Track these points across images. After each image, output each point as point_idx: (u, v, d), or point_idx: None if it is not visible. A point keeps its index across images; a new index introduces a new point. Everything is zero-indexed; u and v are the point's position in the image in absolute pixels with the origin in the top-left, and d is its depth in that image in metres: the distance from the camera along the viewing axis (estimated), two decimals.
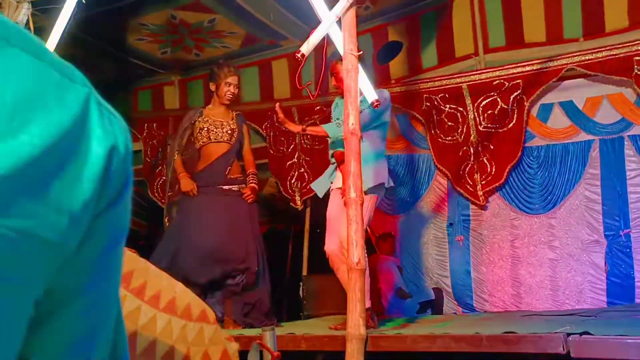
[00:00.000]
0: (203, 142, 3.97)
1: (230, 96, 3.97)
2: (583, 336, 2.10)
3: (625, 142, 4.94)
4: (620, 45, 4.83)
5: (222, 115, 4.01)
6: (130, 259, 1.13)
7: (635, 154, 4.89)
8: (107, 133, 0.44)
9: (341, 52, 2.22)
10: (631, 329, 2.37)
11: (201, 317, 1.14)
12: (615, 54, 4.83)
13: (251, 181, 3.95)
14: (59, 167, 0.40)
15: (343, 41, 2.15)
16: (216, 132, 3.95)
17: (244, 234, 3.84)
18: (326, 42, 2.32)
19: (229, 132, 3.95)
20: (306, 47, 2.16)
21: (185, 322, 1.11)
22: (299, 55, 2.18)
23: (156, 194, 6.71)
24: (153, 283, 1.12)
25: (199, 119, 4.01)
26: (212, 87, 4.02)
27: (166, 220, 3.98)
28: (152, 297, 1.09)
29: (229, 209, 3.86)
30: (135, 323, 1.05)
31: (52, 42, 2.86)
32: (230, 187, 3.92)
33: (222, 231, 3.78)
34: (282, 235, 7.70)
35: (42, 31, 3.23)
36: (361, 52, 2.14)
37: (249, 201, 3.88)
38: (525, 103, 5.14)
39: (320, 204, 6.17)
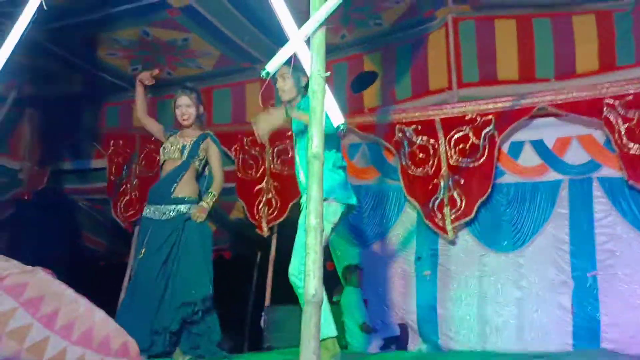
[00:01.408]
0: (161, 161, 3.85)
1: (184, 117, 3.81)
2: None
3: (594, 184, 4.94)
4: (591, 87, 4.88)
5: (186, 135, 3.85)
6: (43, 282, 0.99)
7: (603, 195, 4.89)
8: None
9: (308, 72, 2.14)
10: None
11: (122, 352, 1.00)
12: (585, 96, 4.88)
13: (204, 200, 3.76)
14: None
15: (311, 62, 2.06)
16: (169, 150, 3.79)
17: (194, 260, 3.64)
18: (293, 62, 2.25)
19: (180, 148, 3.77)
20: (272, 66, 2.08)
21: (102, 356, 0.97)
22: (263, 73, 2.09)
23: (119, 214, 6.50)
24: (67, 310, 0.98)
25: (168, 136, 3.87)
26: None
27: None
28: (63, 326, 0.95)
29: (177, 235, 3.66)
30: (40, 356, 0.90)
31: (8, 46, 2.71)
32: (176, 206, 3.71)
33: (169, 264, 3.59)
34: (247, 262, 7.52)
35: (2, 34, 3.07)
36: (329, 73, 2.05)
37: (196, 221, 3.69)
38: (496, 139, 5.13)
39: (287, 232, 6.05)
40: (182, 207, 3.69)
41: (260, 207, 5.85)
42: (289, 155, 5.68)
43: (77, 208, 7.18)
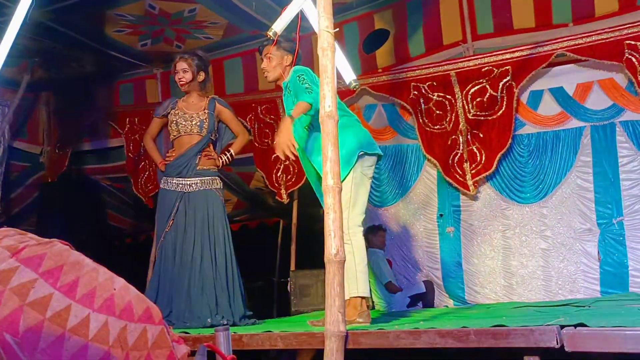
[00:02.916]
0: (174, 136, 3.82)
1: (182, 82, 3.79)
2: (578, 328, 1.98)
3: (617, 129, 4.85)
4: (611, 30, 4.73)
5: (193, 106, 3.84)
6: (60, 253, 0.98)
7: (627, 140, 4.79)
8: None
9: (316, 30, 2.08)
10: (628, 319, 2.25)
11: (145, 317, 1.00)
12: (606, 38, 4.74)
13: (220, 154, 3.85)
14: None
15: (318, 18, 2.00)
16: (185, 125, 3.78)
17: (215, 233, 3.68)
18: (300, 19, 2.19)
19: (198, 123, 3.77)
20: (279, 25, 2.03)
21: (126, 322, 0.98)
22: (270, 33, 2.04)
23: (140, 191, 6.56)
24: (87, 279, 0.98)
25: (172, 112, 3.85)
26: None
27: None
28: (84, 295, 0.95)
29: (200, 209, 3.69)
30: (63, 325, 0.90)
31: (13, 28, 2.69)
32: (201, 178, 3.74)
33: (192, 242, 3.64)
34: (270, 230, 7.58)
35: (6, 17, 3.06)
36: (337, 29, 2.00)
37: (206, 157, 3.74)
38: (514, 90, 5.03)
39: (307, 197, 6.06)
40: (207, 179, 3.75)
41: (278, 174, 5.85)
42: None
43: (100, 187, 7.27)
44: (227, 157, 3.88)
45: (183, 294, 3.57)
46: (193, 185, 3.73)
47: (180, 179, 3.74)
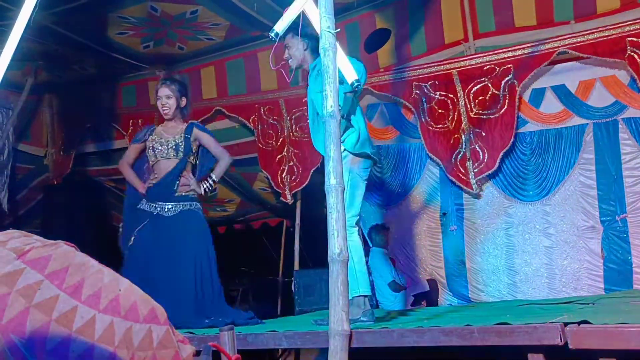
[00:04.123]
0: (152, 161, 3.76)
1: (166, 110, 3.76)
2: (581, 325, 1.98)
3: (620, 125, 4.85)
4: (612, 27, 4.73)
5: (171, 130, 3.80)
6: (65, 254, 1.00)
7: (630, 137, 4.79)
8: None
9: (318, 30, 2.09)
10: (632, 316, 2.25)
11: (150, 318, 1.01)
12: (608, 36, 4.73)
13: (200, 184, 3.76)
14: None
15: (319, 18, 2.01)
16: (161, 150, 3.72)
17: (194, 253, 3.61)
18: (301, 20, 2.20)
19: (174, 147, 3.72)
20: (280, 25, 2.04)
21: (131, 323, 0.99)
22: (272, 34, 2.05)
23: None
24: (92, 280, 0.99)
25: (149, 138, 3.80)
26: None
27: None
28: (90, 296, 0.96)
29: (179, 228, 3.62)
30: (69, 327, 0.92)
31: (17, 31, 2.70)
32: (180, 203, 3.67)
33: (170, 261, 3.55)
34: (274, 230, 7.61)
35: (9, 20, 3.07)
36: (339, 30, 2.00)
37: (183, 186, 3.67)
38: (516, 88, 5.03)
39: (310, 198, 6.08)
40: (186, 204, 3.68)
41: (283, 175, 5.86)
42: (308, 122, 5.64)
43: (104, 189, 7.29)
44: (209, 185, 3.79)
45: (179, 305, 3.51)
46: (171, 209, 3.65)
47: (159, 202, 3.65)
